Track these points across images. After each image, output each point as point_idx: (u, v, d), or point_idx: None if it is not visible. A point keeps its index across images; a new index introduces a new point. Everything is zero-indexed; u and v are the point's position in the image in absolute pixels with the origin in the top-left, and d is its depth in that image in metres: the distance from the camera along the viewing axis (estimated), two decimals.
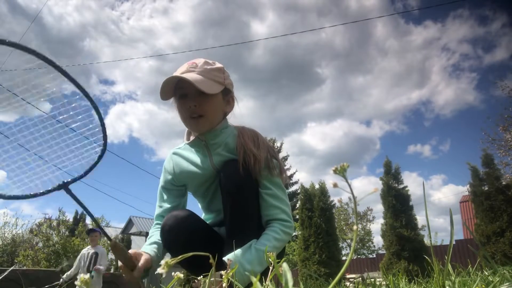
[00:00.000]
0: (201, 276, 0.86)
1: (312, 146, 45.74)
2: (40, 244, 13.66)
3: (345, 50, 42.10)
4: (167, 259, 0.79)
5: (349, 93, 42.52)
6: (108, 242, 1.35)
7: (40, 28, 30.98)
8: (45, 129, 1.23)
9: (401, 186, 8.69)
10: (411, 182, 43.12)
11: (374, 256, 18.72)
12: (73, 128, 1.21)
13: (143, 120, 44.05)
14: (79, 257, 6.33)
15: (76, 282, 0.69)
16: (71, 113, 1.19)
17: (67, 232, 14.06)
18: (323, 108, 45.49)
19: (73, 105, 1.17)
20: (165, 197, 1.58)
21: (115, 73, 41.41)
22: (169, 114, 44.24)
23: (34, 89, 1.15)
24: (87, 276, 0.69)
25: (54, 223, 14.00)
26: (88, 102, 1.18)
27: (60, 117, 1.20)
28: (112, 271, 15.19)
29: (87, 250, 6.31)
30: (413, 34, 42.19)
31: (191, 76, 1.37)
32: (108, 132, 1.22)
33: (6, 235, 17.07)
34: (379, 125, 44.33)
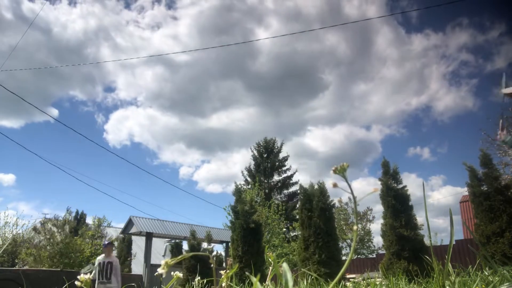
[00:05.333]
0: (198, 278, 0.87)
1: (314, 149, 45.78)
2: (44, 243, 13.64)
3: (347, 58, 42.09)
4: (167, 259, 0.79)
5: (351, 99, 42.60)
6: None
7: (48, 38, 31.00)
8: None
9: (400, 186, 8.69)
10: (411, 183, 43.14)
11: (374, 256, 18.71)
12: None
13: (144, 125, 44.19)
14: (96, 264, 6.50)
15: (76, 282, 0.69)
16: None
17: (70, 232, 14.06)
18: (325, 113, 45.59)
19: None
20: None
21: (118, 80, 41.54)
22: (172, 119, 44.49)
23: None
24: (87, 276, 0.69)
25: (60, 222, 13.99)
26: None
27: None
28: None
29: (102, 259, 6.46)
30: (414, 42, 42.23)
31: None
32: (109, 137, 1.21)
33: (6, 235, 17.04)
34: (379, 129, 44.42)
